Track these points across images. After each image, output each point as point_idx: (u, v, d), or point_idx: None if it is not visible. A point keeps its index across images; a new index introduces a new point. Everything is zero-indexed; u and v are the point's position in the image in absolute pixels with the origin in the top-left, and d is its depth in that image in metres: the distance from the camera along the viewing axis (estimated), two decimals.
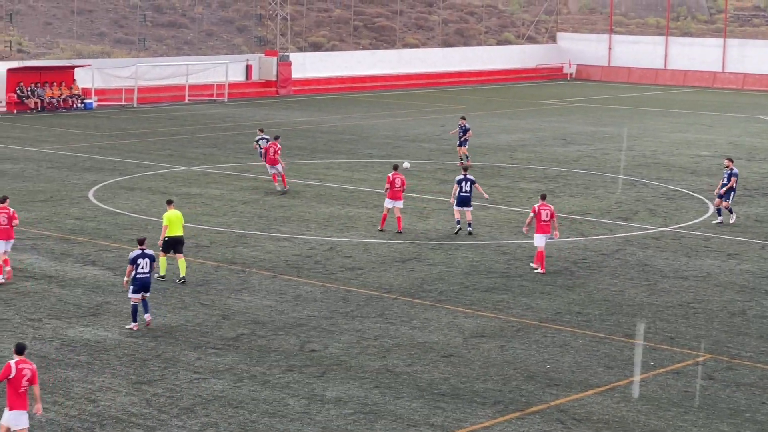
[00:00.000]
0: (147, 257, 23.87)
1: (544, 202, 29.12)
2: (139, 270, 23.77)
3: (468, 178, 32.84)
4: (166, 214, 27.67)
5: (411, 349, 22.80)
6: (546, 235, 28.93)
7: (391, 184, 33.18)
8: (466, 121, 46.72)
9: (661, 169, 46.46)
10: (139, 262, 23.79)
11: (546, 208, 28.90)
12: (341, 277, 28.31)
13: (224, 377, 20.92)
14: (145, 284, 23.82)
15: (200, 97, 71.51)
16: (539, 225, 28.83)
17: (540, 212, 28.81)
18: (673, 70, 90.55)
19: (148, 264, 23.87)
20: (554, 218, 29.02)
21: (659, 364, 22.19)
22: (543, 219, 28.79)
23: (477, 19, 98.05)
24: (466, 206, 32.91)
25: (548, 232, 28.92)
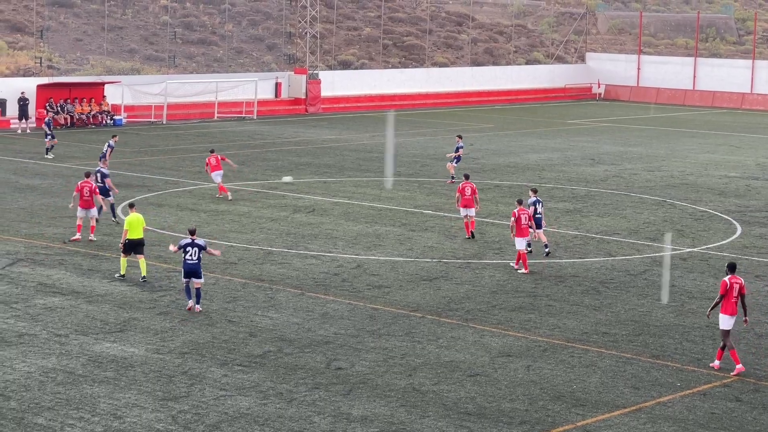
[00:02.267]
0: (196, 246, 26.31)
1: (521, 207, 31.06)
2: (186, 257, 26.30)
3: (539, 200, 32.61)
4: (128, 218, 29.27)
5: (437, 367, 22.78)
6: (526, 239, 30.90)
7: (461, 192, 35.07)
8: (461, 140, 46.79)
9: (689, 189, 46.30)
10: (187, 250, 26.33)
11: (524, 213, 30.85)
12: (368, 295, 28.33)
13: (250, 394, 20.96)
14: (192, 270, 26.21)
15: (229, 114, 71.81)
16: (519, 229, 30.68)
17: (520, 217, 30.68)
18: (702, 91, 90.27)
19: (196, 253, 26.23)
20: (531, 220, 31.07)
21: (686, 386, 22.08)
22: (523, 223, 30.66)
23: (506, 39, 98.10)
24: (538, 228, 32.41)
25: (527, 236, 30.87)
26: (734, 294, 22.83)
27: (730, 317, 22.82)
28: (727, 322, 22.85)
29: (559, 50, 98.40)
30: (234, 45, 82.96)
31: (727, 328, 22.86)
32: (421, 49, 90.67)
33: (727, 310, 22.83)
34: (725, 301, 22.87)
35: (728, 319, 22.83)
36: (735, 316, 22.91)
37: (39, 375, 21.68)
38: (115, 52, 76.90)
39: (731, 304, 22.84)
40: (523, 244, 30.93)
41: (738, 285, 22.88)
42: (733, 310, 22.83)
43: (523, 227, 30.74)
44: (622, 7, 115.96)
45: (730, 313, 22.81)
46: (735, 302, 22.88)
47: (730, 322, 22.84)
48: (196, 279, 26.38)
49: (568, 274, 30.94)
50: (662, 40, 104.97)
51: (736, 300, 22.85)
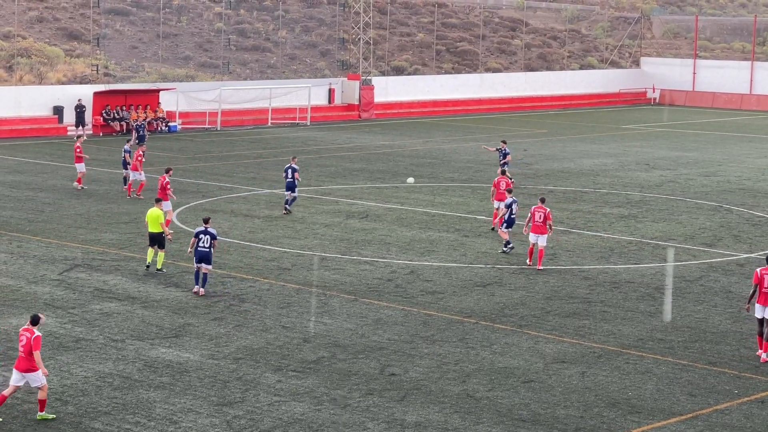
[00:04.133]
0: (208, 234, 28.18)
1: (541, 204, 31.63)
2: (199, 244, 28.11)
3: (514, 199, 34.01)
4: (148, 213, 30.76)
5: (491, 374, 22.70)
6: (539, 235, 31.37)
7: (496, 186, 36.58)
8: (506, 145, 45.94)
9: (746, 195, 45.82)
10: (200, 237, 28.16)
11: (540, 210, 31.39)
12: (422, 301, 28.30)
13: (304, 400, 21.00)
14: (203, 256, 28.00)
15: (283, 120, 72.12)
16: (534, 225, 31.42)
17: (534, 213, 31.41)
18: (759, 95, 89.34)
19: (208, 240, 28.08)
20: (549, 219, 31.36)
21: (743, 393, 21.83)
22: (536, 220, 31.36)
23: (560, 44, 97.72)
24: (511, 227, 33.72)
25: (542, 233, 31.32)
26: (766, 285, 23.51)
27: (762, 307, 23.54)
28: (759, 311, 23.60)
29: (613, 55, 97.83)
30: (287, 51, 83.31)
31: (759, 316, 23.62)
32: (474, 54, 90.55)
33: (760, 300, 23.60)
34: (759, 291, 23.58)
35: (761, 309, 23.55)
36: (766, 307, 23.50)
37: (96, 380, 21.87)
38: (170, 59, 77.53)
39: (764, 294, 23.52)
40: (534, 239, 31.64)
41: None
42: (765, 301, 23.52)
43: (536, 224, 31.39)
44: (678, 11, 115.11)
45: (761, 303, 23.55)
46: (766, 293, 23.50)
47: (760, 311, 23.56)
48: (206, 264, 28.16)
49: (623, 280, 30.73)
50: (718, 44, 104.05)
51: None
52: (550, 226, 31.81)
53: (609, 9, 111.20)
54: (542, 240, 31.72)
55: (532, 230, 31.67)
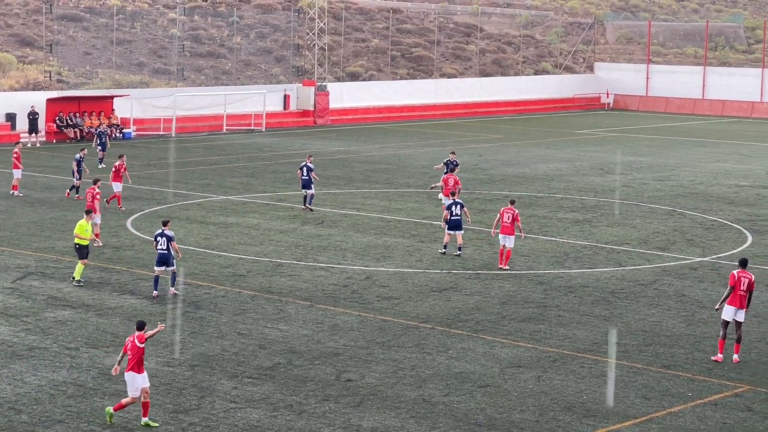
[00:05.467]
0: (165, 236, 28.28)
1: (510, 206, 32.29)
2: (158, 247, 28.35)
3: (457, 202, 34.18)
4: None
5: (448, 379, 22.75)
6: (507, 236, 31.95)
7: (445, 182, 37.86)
8: (455, 156, 45.59)
9: (699, 199, 46.22)
10: (158, 240, 28.42)
11: (509, 212, 32.06)
12: (378, 306, 28.31)
13: (260, 407, 20.95)
14: (163, 259, 28.22)
15: (238, 126, 71.92)
16: (503, 226, 32.03)
17: (503, 214, 32.09)
18: (711, 100, 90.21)
19: (165, 242, 28.20)
20: (517, 221, 32.05)
21: (697, 396, 22.02)
22: (505, 221, 31.97)
23: (514, 49, 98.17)
24: (457, 230, 34.01)
25: (510, 234, 31.95)
26: (742, 287, 23.82)
27: (734, 309, 23.80)
28: (728, 313, 23.87)
29: (567, 60, 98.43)
30: (242, 57, 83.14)
31: (727, 318, 23.89)
32: (430, 60, 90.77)
33: (733, 302, 23.85)
34: (733, 294, 23.85)
35: (731, 310, 23.80)
36: (740, 310, 23.87)
37: (50, 388, 21.69)
38: (124, 66, 77.12)
39: (738, 296, 23.83)
40: (503, 240, 32.19)
41: (747, 280, 23.91)
42: (739, 303, 23.88)
43: (504, 225, 32.02)
44: (631, 16, 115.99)
45: (734, 305, 23.82)
46: (742, 296, 23.89)
47: (731, 313, 23.81)
48: (168, 267, 28.39)
49: (578, 285, 30.91)
50: (671, 49, 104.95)
51: (743, 294, 23.80)
52: (518, 227, 32.24)
53: (563, 15, 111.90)
54: (510, 241, 32.19)
55: (501, 231, 32.23)
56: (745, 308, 23.97)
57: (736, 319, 23.85)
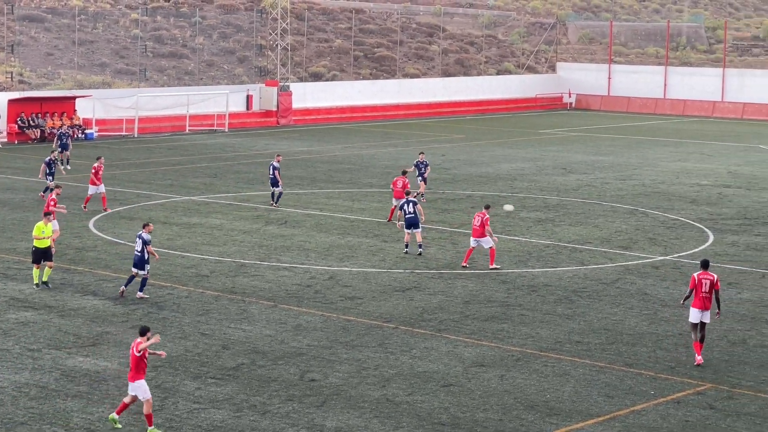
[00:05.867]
0: (140, 239, 28.20)
1: (485, 211, 32.53)
2: (135, 248, 28.39)
3: (410, 201, 34.46)
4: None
5: (411, 378, 22.77)
6: (478, 239, 32.16)
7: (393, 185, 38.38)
8: (424, 156, 45.36)
9: (661, 198, 46.51)
10: (136, 241, 28.41)
11: (479, 215, 32.34)
12: (341, 306, 28.30)
13: (224, 407, 20.89)
14: (136, 261, 28.22)
15: (201, 127, 71.67)
16: (473, 229, 32.39)
17: (475, 218, 32.49)
18: (673, 99, 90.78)
19: (140, 244, 28.10)
20: (486, 225, 32.10)
21: (660, 394, 22.15)
22: (474, 224, 32.27)
23: (477, 49, 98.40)
24: (414, 228, 34.20)
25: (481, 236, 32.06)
26: (704, 289, 23.74)
27: (698, 311, 23.77)
28: (694, 316, 23.84)
29: (529, 60, 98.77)
30: (205, 58, 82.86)
31: (694, 321, 23.87)
32: (392, 60, 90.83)
33: (696, 304, 23.85)
34: (695, 296, 23.85)
35: (696, 313, 23.78)
36: (705, 311, 23.78)
37: (12, 390, 21.54)
38: (86, 66, 76.67)
39: (700, 298, 23.81)
40: (474, 242, 32.48)
41: (709, 281, 23.87)
42: (702, 305, 23.78)
43: (474, 227, 32.31)
44: (593, 17, 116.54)
45: (698, 307, 23.80)
46: (705, 298, 23.81)
47: (697, 315, 23.78)
48: (140, 270, 28.24)
49: (541, 284, 31.02)
50: (633, 49, 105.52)
51: (706, 296, 23.76)
52: (489, 232, 32.21)
53: (525, 15, 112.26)
54: (484, 242, 32.30)
55: (472, 234, 32.50)
56: (709, 309, 23.90)
57: (702, 321, 23.86)
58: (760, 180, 52.23)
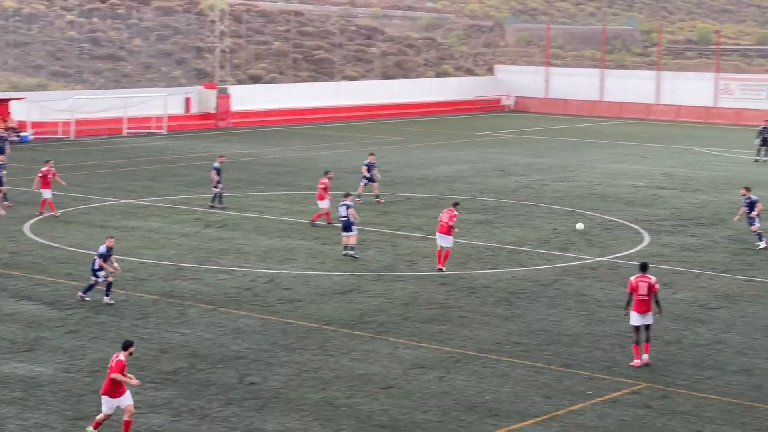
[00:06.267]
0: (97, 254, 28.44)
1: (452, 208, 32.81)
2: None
3: (344, 203, 34.53)
4: None
5: (351, 380, 22.77)
6: (443, 236, 32.30)
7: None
8: (373, 157, 45.55)
9: (598, 199, 46.91)
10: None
11: (448, 212, 32.54)
12: (281, 309, 28.24)
13: (162, 411, 20.75)
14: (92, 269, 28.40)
15: (139, 129, 71.13)
16: (440, 225, 32.57)
17: (443, 215, 32.61)
18: (609, 101, 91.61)
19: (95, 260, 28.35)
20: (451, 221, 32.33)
21: (597, 394, 22.34)
22: (442, 220, 32.48)
23: (416, 52, 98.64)
24: (348, 231, 34.29)
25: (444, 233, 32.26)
26: (641, 292, 23.84)
27: (637, 315, 23.92)
28: (633, 319, 23.99)
29: (468, 63, 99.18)
30: (142, 60, 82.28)
31: (634, 324, 24.01)
32: (331, 62, 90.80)
33: (634, 308, 24.01)
34: (635, 299, 23.93)
35: (636, 316, 23.95)
36: (644, 314, 23.90)
37: None
38: (21, 68, 75.79)
39: (638, 302, 23.92)
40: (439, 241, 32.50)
41: (646, 284, 23.93)
42: (641, 308, 23.86)
43: (442, 224, 32.35)
44: (530, 19, 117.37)
45: (636, 311, 23.95)
46: (643, 300, 23.90)
47: (637, 319, 23.94)
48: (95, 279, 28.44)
49: (480, 285, 31.17)
50: (569, 52, 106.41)
51: (644, 298, 23.86)
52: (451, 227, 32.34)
53: (463, 17, 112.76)
54: (446, 241, 32.40)
55: (438, 230, 32.62)
56: (650, 311, 23.94)
57: (644, 323, 23.98)
58: (694, 181, 52.87)
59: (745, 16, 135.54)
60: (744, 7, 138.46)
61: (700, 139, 73.51)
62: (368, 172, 44.48)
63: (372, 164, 44.71)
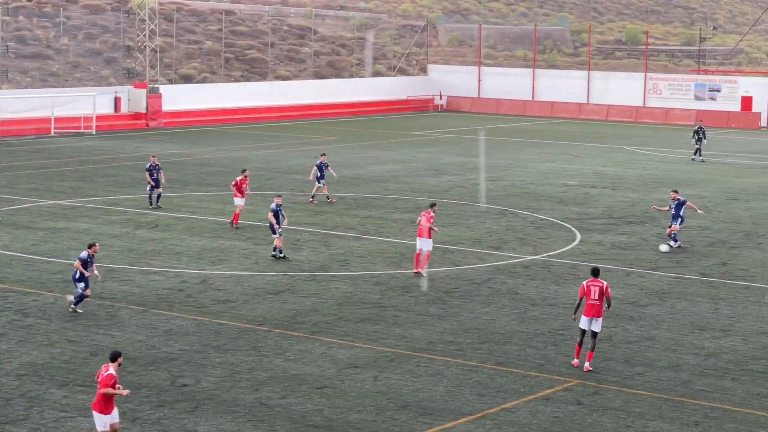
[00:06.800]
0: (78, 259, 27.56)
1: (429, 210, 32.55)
2: None
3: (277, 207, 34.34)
4: None
5: (284, 381, 22.65)
6: (423, 239, 31.97)
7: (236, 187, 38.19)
8: (325, 157, 45.54)
9: (531, 198, 47.17)
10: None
11: (425, 215, 32.32)
12: (214, 310, 28.01)
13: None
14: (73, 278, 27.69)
15: (67, 129, 70.28)
16: (419, 229, 32.24)
17: (422, 217, 32.39)
18: (541, 101, 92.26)
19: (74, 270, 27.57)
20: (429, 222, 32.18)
21: (529, 391, 22.43)
22: (422, 224, 32.18)
23: (349, 52, 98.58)
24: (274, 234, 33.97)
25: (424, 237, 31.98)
26: (592, 296, 23.66)
27: (587, 319, 23.68)
28: (583, 322, 23.77)
29: (401, 62, 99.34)
30: (70, 59, 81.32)
31: (583, 327, 23.79)
32: (264, 62, 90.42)
33: (585, 312, 23.75)
34: (586, 303, 23.74)
35: (585, 320, 23.71)
36: (594, 319, 23.65)
37: None
38: None
39: (589, 305, 23.68)
40: (419, 244, 32.21)
41: (598, 288, 23.75)
42: (591, 312, 23.65)
43: (422, 227, 32.12)
44: (462, 19, 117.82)
45: (586, 315, 23.68)
46: (594, 305, 23.65)
47: (586, 323, 23.70)
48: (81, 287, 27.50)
49: (414, 285, 31.17)
50: (502, 52, 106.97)
51: (595, 303, 23.67)
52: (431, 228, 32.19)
53: (396, 17, 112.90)
54: (427, 245, 32.08)
55: (418, 234, 32.31)
56: (600, 316, 23.71)
57: (592, 329, 23.73)
58: (624, 180, 53.38)
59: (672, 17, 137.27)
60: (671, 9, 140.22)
61: (629, 138, 74.27)
62: (320, 172, 44.41)
63: (324, 164, 44.66)
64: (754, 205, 46.38)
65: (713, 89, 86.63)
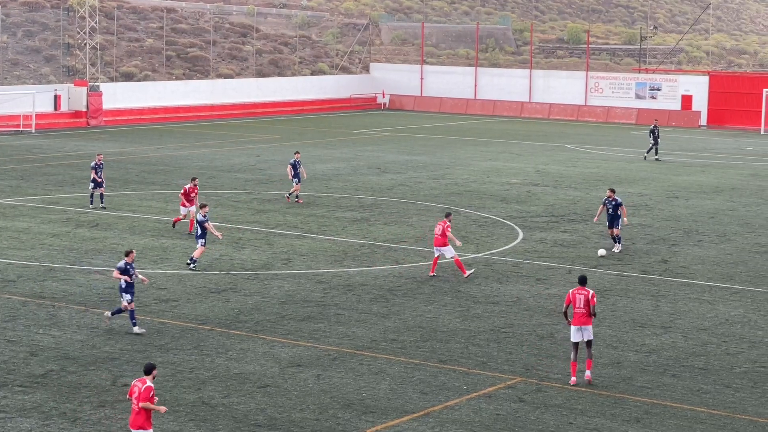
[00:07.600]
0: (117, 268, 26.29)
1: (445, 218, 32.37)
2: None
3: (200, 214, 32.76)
4: None
5: (227, 380, 22.56)
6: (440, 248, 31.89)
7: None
8: (299, 155, 45.16)
9: (473, 196, 47.34)
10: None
11: (440, 224, 32.03)
12: (155, 309, 27.84)
13: (32, 416, 20.27)
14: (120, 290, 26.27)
15: (6, 128, 69.47)
16: (435, 238, 32.14)
17: (437, 227, 32.23)
18: (483, 100, 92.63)
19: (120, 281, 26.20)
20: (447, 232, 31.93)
21: (472, 389, 22.52)
22: (436, 233, 32.02)
23: (291, 50, 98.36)
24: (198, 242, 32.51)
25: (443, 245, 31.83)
26: (578, 305, 22.99)
27: (576, 329, 22.97)
28: (573, 335, 23.05)
29: (343, 61, 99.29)
30: (9, 57, 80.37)
31: (574, 340, 23.06)
32: (206, 60, 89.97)
33: (573, 321, 23.07)
34: (573, 313, 23.04)
35: (575, 331, 23.00)
36: (583, 327, 22.95)
37: None
38: None
39: (576, 315, 23.00)
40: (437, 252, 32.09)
41: (583, 296, 23.03)
42: (578, 321, 22.97)
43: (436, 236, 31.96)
44: (405, 18, 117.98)
45: (575, 324, 22.99)
46: (580, 314, 22.97)
47: (576, 334, 22.98)
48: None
49: (357, 283, 31.18)
50: (444, 50, 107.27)
51: (581, 311, 22.99)
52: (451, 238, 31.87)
53: (338, 15, 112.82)
54: (447, 251, 31.81)
55: (434, 243, 32.05)
56: (590, 324, 23.05)
57: (584, 339, 23.05)
58: (566, 178, 53.74)
59: (613, 16, 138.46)
60: (612, 8, 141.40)
61: (571, 136, 74.79)
62: (294, 170, 44.12)
63: (297, 162, 44.39)
64: (694, 203, 46.92)
65: (654, 88, 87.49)
